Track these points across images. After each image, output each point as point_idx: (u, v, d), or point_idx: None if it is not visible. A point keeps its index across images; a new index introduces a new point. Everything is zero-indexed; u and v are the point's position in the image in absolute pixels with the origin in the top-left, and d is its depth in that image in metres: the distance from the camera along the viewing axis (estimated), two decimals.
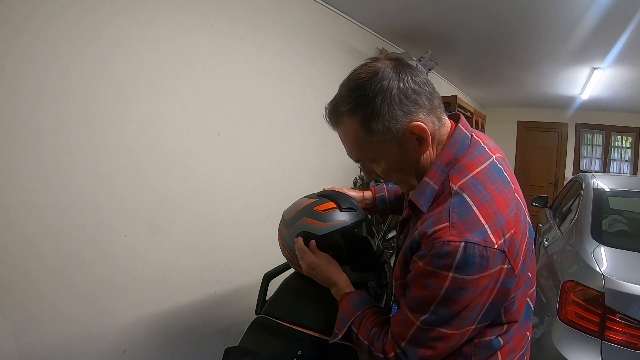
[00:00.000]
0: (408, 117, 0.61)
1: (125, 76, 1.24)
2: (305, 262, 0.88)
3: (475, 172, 0.62)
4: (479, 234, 0.56)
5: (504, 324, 0.65)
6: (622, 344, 1.33)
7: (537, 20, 2.28)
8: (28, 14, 1.01)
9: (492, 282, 0.57)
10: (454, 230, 0.56)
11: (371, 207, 1.07)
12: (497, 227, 0.57)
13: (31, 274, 1.08)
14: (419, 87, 0.62)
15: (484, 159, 0.64)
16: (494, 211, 0.58)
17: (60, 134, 1.10)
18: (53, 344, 1.14)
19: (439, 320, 0.59)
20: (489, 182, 0.61)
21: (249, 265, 1.76)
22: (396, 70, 0.62)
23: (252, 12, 1.69)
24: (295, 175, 2.04)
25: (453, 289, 0.57)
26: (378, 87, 0.60)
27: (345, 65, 2.38)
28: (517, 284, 0.60)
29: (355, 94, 0.62)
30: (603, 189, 2.19)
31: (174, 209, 1.44)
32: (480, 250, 0.55)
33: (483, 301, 0.58)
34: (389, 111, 0.60)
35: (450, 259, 0.55)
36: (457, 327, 0.59)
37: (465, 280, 0.56)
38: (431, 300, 0.58)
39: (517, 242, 0.59)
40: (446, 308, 0.58)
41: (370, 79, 0.61)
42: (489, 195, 0.59)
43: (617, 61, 2.95)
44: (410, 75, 0.62)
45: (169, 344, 1.50)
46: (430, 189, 0.64)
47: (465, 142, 0.66)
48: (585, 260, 1.56)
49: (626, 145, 5.87)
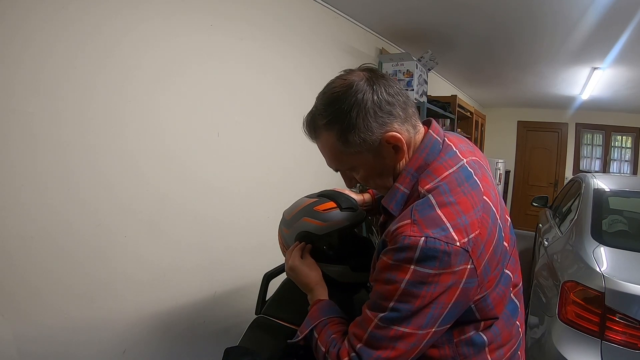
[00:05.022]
0: (383, 128, 0.64)
1: (125, 75, 1.24)
2: (288, 263, 0.88)
3: (443, 176, 0.64)
4: (440, 230, 0.57)
5: (481, 321, 0.65)
6: (622, 344, 1.33)
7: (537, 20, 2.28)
8: (26, 12, 1.01)
9: (455, 282, 0.57)
10: (415, 227, 0.58)
11: (371, 209, 1.07)
12: (459, 226, 0.58)
13: (30, 275, 1.07)
14: (393, 98, 0.64)
15: (453, 163, 0.66)
16: (456, 211, 0.59)
17: (58, 134, 1.10)
18: (53, 345, 1.14)
19: (398, 317, 0.59)
20: (455, 184, 0.62)
21: (249, 265, 1.76)
22: (370, 83, 0.63)
23: (253, 12, 1.69)
24: (295, 175, 2.04)
25: (414, 282, 0.57)
26: (353, 101, 0.62)
27: (345, 65, 2.36)
28: (479, 284, 0.60)
29: (331, 108, 0.64)
30: (603, 189, 2.19)
31: (174, 209, 1.44)
32: (442, 245, 0.56)
33: (445, 301, 0.58)
34: (364, 124, 0.62)
35: (411, 252, 0.57)
36: (416, 326, 0.59)
37: (426, 274, 0.56)
38: (391, 294, 0.59)
39: (481, 243, 0.59)
40: (406, 304, 0.58)
41: (345, 92, 0.63)
42: (453, 197, 0.60)
43: (617, 61, 2.95)
44: (384, 86, 0.64)
45: (169, 344, 1.50)
46: (401, 193, 0.67)
47: (435, 147, 0.68)
48: (585, 260, 1.56)
49: (626, 145, 5.87)
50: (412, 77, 2.59)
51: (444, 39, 2.75)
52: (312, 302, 0.81)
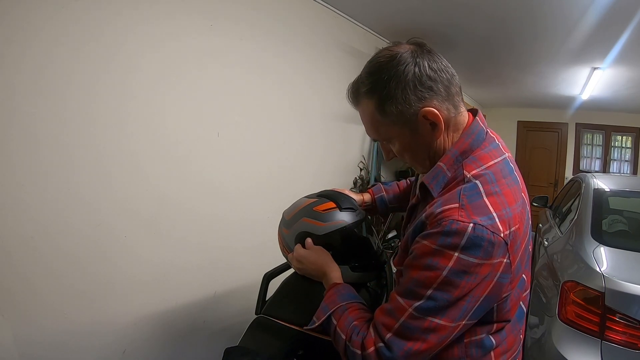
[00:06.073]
0: (422, 103, 0.62)
1: (125, 75, 1.24)
2: (294, 257, 0.87)
3: (489, 164, 0.63)
4: (487, 219, 0.56)
5: (494, 323, 0.64)
6: (622, 344, 1.33)
7: (537, 20, 2.28)
8: (27, 12, 1.01)
9: (491, 274, 0.56)
10: (463, 212, 0.56)
11: (371, 209, 1.07)
12: (504, 217, 0.57)
13: (31, 275, 1.08)
14: (436, 74, 0.62)
15: (497, 154, 0.65)
16: (502, 202, 0.58)
17: (59, 134, 1.10)
18: (53, 345, 1.14)
19: (434, 307, 0.56)
20: (500, 175, 0.62)
21: (249, 265, 1.76)
22: (414, 56, 0.62)
23: (253, 12, 1.69)
24: (295, 175, 2.04)
25: (456, 271, 0.55)
26: (393, 72, 0.61)
27: (345, 65, 2.38)
28: (511, 281, 0.60)
29: (373, 77, 0.64)
30: (603, 189, 2.19)
31: (174, 209, 1.44)
32: (488, 234, 0.54)
33: (479, 294, 0.56)
34: (402, 95, 0.61)
35: (458, 238, 0.54)
36: (450, 319, 0.56)
37: (469, 264, 0.54)
38: (431, 282, 0.56)
39: (518, 239, 0.59)
40: (445, 293, 0.55)
41: (388, 62, 0.62)
42: (499, 188, 0.60)
43: (617, 61, 2.95)
44: (428, 61, 0.62)
45: (169, 344, 1.50)
46: (443, 174, 0.64)
47: (481, 135, 0.67)
48: (585, 260, 1.56)
49: (626, 145, 5.87)
50: None
51: (444, 39, 2.75)
52: (328, 286, 0.78)
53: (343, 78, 2.38)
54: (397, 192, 1.07)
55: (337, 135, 2.38)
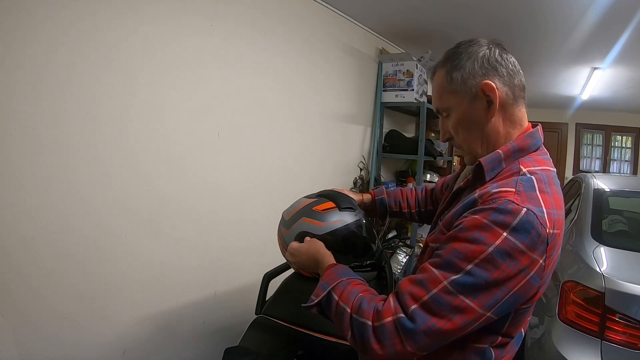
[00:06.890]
0: (484, 77, 0.67)
1: (125, 75, 1.24)
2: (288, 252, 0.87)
3: (542, 168, 0.65)
4: (539, 210, 0.57)
5: (500, 335, 0.64)
6: (622, 344, 1.33)
7: (537, 20, 2.28)
8: (27, 12, 1.01)
9: (528, 269, 0.55)
10: (519, 196, 0.57)
11: (371, 209, 1.07)
12: (552, 216, 0.58)
13: (30, 275, 1.08)
14: (504, 61, 0.68)
15: (550, 164, 0.68)
16: (551, 202, 0.60)
17: (59, 134, 1.10)
18: (53, 345, 1.14)
19: (471, 285, 0.55)
20: (552, 181, 0.64)
21: (249, 265, 1.77)
22: (489, 45, 0.69)
23: (253, 12, 1.69)
24: (295, 175, 2.04)
25: (502, 251, 0.54)
26: (468, 49, 0.69)
27: (345, 65, 2.38)
28: (539, 287, 0.59)
29: (451, 51, 0.72)
30: (603, 189, 2.19)
31: (174, 209, 1.44)
32: (537, 223, 0.55)
33: (512, 286, 0.55)
34: (469, 66, 0.67)
35: (511, 218, 0.55)
36: (481, 304, 0.55)
37: (515, 247, 0.54)
38: (474, 256, 0.55)
39: (557, 245, 0.60)
40: (484, 271, 0.54)
41: (466, 43, 0.71)
42: (550, 190, 0.62)
43: (617, 61, 2.95)
44: (500, 51, 0.69)
45: (169, 344, 1.50)
46: (499, 162, 0.66)
47: (539, 141, 0.70)
48: (585, 260, 1.56)
49: (626, 145, 5.87)
50: (412, 77, 2.59)
51: (444, 39, 2.74)
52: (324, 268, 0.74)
53: (343, 78, 2.38)
54: (398, 197, 1.07)
55: (337, 135, 2.38)
